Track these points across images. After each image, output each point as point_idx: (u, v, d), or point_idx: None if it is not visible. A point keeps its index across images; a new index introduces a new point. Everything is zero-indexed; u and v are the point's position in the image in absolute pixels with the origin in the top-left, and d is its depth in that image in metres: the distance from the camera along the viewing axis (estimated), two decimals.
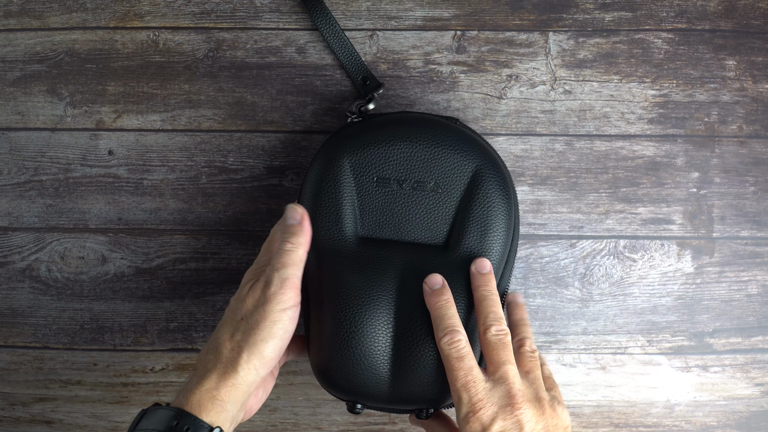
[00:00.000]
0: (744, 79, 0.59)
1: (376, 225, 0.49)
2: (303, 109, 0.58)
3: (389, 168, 0.49)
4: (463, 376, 0.42)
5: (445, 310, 0.45)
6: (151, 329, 0.60)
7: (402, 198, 0.49)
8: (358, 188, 0.49)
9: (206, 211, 0.59)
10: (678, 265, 0.60)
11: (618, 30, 0.58)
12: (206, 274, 0.59)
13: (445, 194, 0.49)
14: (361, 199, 0.49)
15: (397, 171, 0.49)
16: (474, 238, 0.49)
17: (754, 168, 0.59)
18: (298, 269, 0.45)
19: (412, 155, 0.49)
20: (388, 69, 0.58)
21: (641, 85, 0.59)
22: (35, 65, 0.58)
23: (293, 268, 0.45)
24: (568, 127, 0.59)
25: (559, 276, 0.59)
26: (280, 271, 0.44)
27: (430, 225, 0.49)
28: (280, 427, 0.61)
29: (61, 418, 0.60)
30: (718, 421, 0.61)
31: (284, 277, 0.44)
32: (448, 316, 0.44)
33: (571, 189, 0.59)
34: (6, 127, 0.59)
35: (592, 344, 0.60)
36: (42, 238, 0.59)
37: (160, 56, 0.58)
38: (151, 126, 0.59)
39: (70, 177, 0.59)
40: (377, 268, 0.47)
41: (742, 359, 0.60)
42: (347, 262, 0.48)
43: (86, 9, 0.58)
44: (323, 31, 0.56)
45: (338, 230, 0.49)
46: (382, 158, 0.49)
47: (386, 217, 0.49)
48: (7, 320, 0.60)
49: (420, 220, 0.49)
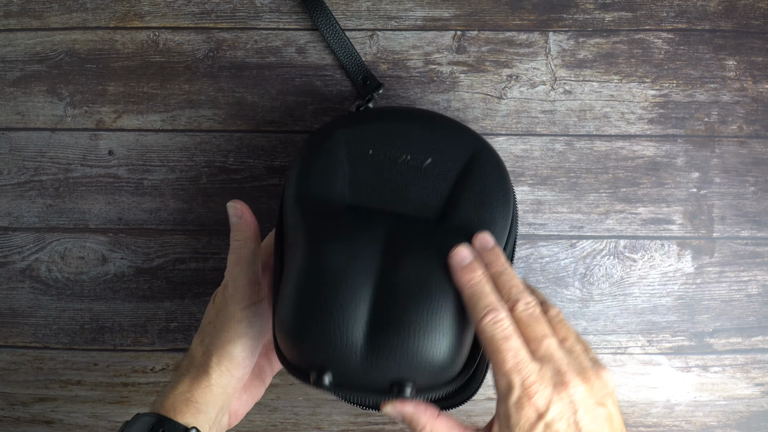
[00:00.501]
0: (744, 79, 0.59)
1: (367, 196, 0.45)
2: (303, 109, 0.58)
3: (385, 144, 0.47)
4: (512, 357, 0.37)
5: (481, 287, 0.39)
6: (151, 329, 0.60)
7: (396, 172, 0.46)
8: (350, 159, 0.46)
9: (206, 211, 0.59)
10: (678, 265, 0.60)
11: (618, 30, 0.58)
12: (206, 274, 0.59)
13: (442, 172, 0.46)
14: (353, 169, 0.46)
15: (392, 147, 0.46)
16: (470, 210, 0.45)
17: (754, 168, 0.59)
18: (251, 264, 0.44)
19: (409, 134, 0.47)
20: (388, 69, 0.58)
21: (641, 85, 0.59)
22: (35, 65, 0.58)
23: (244, 265, 0.44)
24: (568, 127, 0.59)
25: (559, 276, 0.59)
26: (232, 270, 0.44)
27: (424, 199, 0.45)
28: (280, 427, 0.61)
29: (61, 418, 0.60)
30: (719, 421, 0.61)
31: (236, 275, 0.44)
32: (485, 294, 0.39)
33: (571, 189, 0.59)
34: (6, 127, 0.59)
35: (593, 344, 0.60)
36: (42, 238, 0.59)
37: (160, 56, 0.58)
38: (151, 126, 0.59)
39: (70, 177, 0.59)
40: (363, 232, 0.42)
41: (742, 359, 0.60)
42: (331, 226, 0.43)
43: (86, 9, 0.58)
44: (323, 31, 0.56)
45: (326, 194, 0.45)
46: (378, 134, 0.47)
47: (378, 189, 0.45)
48: (7, 320, 0.60)
49: (414, 195, 0.45)
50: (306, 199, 0.45)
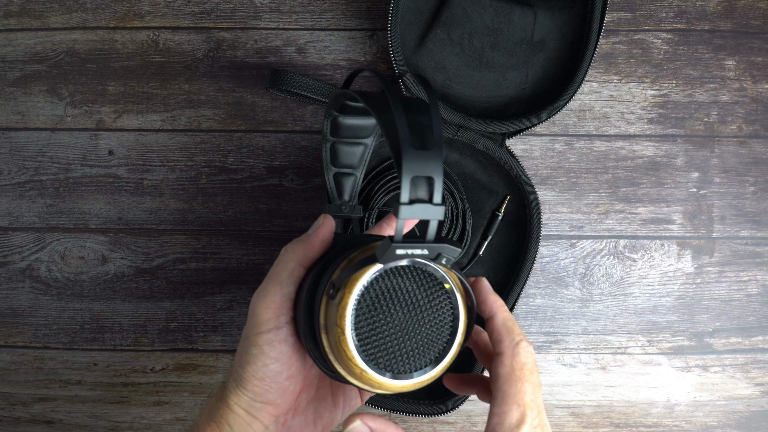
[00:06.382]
0: (744, 79, 0.59)
1: None
2: (303, 109, 0.58)
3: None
4: (531, 392, 0.37)
5: (510, 315, 0.40)
6: (151, 329, 0.59)
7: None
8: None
9: (206, 211, 0.59)
10: (678, 265, 0.59)
11: (618, 30, 0.58)
12: (206, 274, 0.59)
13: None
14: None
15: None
16: None
17: (753, 168, 0.59)
18: (283, 286, 0.39)
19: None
20: (389, 69, 0.58)
21: (641, 85, 0.59)
22: (35, 65, 0.58)
23: (277, 285, 0.39)
24: (568, 127, 0.59)
25: (559, 276, 0.59)
26: (264, 284, 0.39)
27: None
28: None
29: (61, 418, 0.60)
30: (719, 421, 0.60)
31: (263, 293, 0.39)
32: (515, 322, 0.39)
33: (571, 189, 0.59)
34: (6, 127, 0.59)
35: (593, 344, 0.60)
36: (42, 238, 0.59)
37: (160, 56, 0.58)
38: (151, 126, 0.59)
39: (70, 177, 0.59)
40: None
41: (742, 359, 0.60)
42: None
43: (86, 9, 0.58)
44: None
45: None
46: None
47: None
48: (7, 320, 0.60)
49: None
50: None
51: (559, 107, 0.54)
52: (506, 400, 0.37)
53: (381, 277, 0.34)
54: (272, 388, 0.39)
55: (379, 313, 0.35)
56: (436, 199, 0.31)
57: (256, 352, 0.39)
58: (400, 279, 0.35)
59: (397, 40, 0.53)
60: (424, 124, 0.32)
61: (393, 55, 0.53)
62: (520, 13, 0.54)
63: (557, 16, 0.55)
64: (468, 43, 0.55)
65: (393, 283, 0.35)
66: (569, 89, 0.54)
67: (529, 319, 0.60)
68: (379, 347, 0.35)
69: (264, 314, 0.39)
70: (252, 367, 0.39)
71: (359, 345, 0.34)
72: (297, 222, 0.59)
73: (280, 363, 0.39)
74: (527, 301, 0.59)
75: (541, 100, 0.56)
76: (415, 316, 0.35)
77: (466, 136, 0.55)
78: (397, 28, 0.53)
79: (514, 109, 0.56)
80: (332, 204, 0.44)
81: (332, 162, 0.44)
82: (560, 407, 0.60)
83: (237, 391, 0.39)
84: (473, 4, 0.54)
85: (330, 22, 0.58)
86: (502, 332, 0.38)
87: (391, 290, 0.35)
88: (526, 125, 0.54)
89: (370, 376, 0.34)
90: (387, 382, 0.35)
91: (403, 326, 0.35)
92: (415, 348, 0.36)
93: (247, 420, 0.40)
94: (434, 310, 0.36)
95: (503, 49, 0.55)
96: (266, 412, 0.40)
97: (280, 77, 0.54)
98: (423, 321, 0.35)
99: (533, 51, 0.55)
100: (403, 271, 0.35)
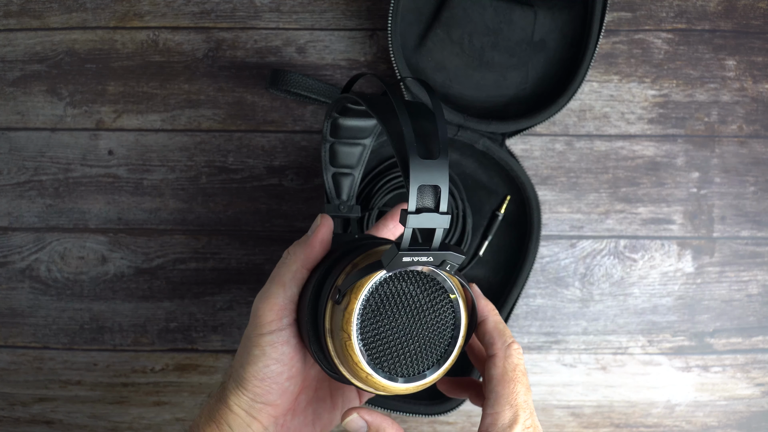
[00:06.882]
0: (744, 79, 0.59)
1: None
2: (303, 109, 0.58)
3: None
4: (524, 393, 0.38)
5: (501, 318, 0.41)
6: (151, 329, 0.59)
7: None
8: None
9: (206, 211, 0.59)
10: (678, 265, 0.59)
11: (618, 30, 0.58)
12: (206, 274, 0.59)
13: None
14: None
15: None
16: None
17: (754, 168, 0.59)
18: (286, 288, 0.39)
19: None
20: (389, 69, 0.58)
21: (641, 85, 0.59)
22: (35, 65, 0.58)
23: (280, 286, 0.39)
24: (568, 127, 0.59)
25: (559, 276, 0.59)
26: (267, 286, 0.39)
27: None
28: None
29: (61, 418, 0.60)
30: (719, 421, 0.60)
31: (266, 295, 0.39)
32: (505, 324, 0.40)
33: (571, 189, 0.59)
34: (6, 127, 0.59)
35: (593, 344, 0.60)
36: (42, 238, 0.59)
37: (160, 56, 0.58)
38: (151, 126, 0.59)
39: (70, 177, 0.59)
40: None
41: (742, 359, 0.60)
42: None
43: (86, 9, 0.58)
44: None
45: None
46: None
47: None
48: (7, 320, 0.60)
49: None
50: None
51: (560, 107, 0.54)
52: (499, 401, 0.37)
53: (385, 282, 0.35)
54: (272, 389, 0.40)
55: (384, 317, 0.35)
56: (443, 208, 0.31)
57: (258, 353, 0.39)
58: (403, 283, 0.35)
59: (397, 40, 0.53)
60: (428, 130, 0.33)
61: (393, 55, 0.53)
62: (521, 13, 0.54)
63: (557, 16, 0.55)
64: (468, 43, 0.55)
65: (397, 287, 0.35)
66: (569, 89, 0.54)
67: (529, 319, 0.60)
68: (383, 351, 0.35)
69: (267, 316, 0.39)
70: (253, 368, 0.39)
71: (365, 349, 0.34)
72: (297, 222, 0.59)
73: (282, 364, 0.39)
74: (527, 301, 0.59)
75: (541, 100, 0.56)
76: (418, 319, 0.35)
77: (466, 136, 0.55)
78: (397, 28, 0.53)
79: (514, 109, 0.56)
80: (331, 204, 0.44)
81: (331, 162, 0.44)
82: (560, 407, 0.60)
83: (237, 391, 0.40)
84: (473, 4, 0.54)
85: (330, 22, 0.58)
86: (494, 335, 0.39)
87: (395, 294, 0.35)
88: (526, 125, 0.54)
89: (375, 379, 0.35)
90: (391, 385, 0.35)
91: (407, 330, 0.35)
92: (418, 351, 0.36)
93: (247, 420, 0.40)
94: (436, 314, 0.36)
95: (503, 49, 0.55)
96: (266, 413, 0.40)
97: (279, 77, 0.54)
98: (426, 324, 0.36)
99: (533, 51, 0.55)
100: (407, 275, 0.35)
